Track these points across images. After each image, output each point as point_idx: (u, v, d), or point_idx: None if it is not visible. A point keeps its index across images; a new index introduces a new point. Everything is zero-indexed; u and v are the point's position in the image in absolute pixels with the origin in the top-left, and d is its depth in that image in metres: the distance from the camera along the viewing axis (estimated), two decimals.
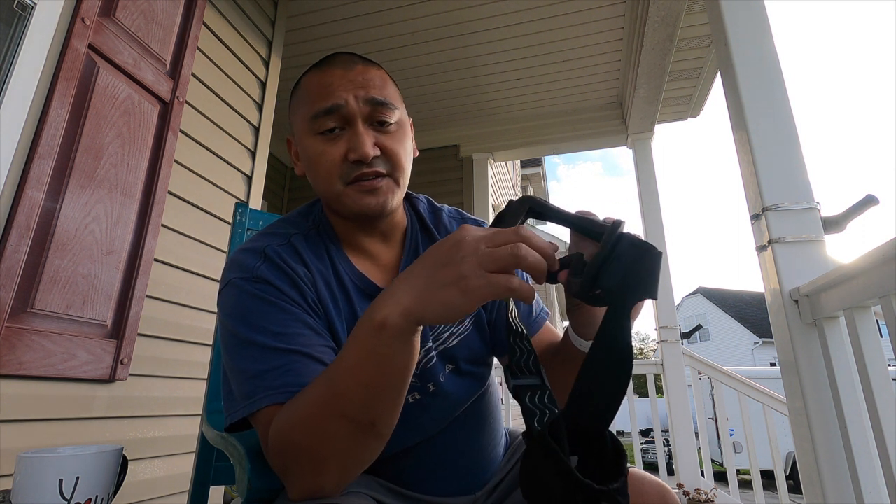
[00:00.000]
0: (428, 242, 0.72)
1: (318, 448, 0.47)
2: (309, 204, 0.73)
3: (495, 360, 0.76)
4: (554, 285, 0.48)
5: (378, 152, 0.61)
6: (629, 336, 0.40)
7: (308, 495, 0.49)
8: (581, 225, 0.49)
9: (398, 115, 0.64)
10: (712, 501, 2.69)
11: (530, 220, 0.52)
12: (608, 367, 0.40)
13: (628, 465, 0.64)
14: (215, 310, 0.65)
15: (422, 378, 0.65)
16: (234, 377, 0.56)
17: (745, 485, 3.19)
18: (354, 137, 0.60)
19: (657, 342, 3.10)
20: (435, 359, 0.66)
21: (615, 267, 0.41)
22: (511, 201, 0.50)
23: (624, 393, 0.40)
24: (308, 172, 0.66)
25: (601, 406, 0.39)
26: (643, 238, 0.43)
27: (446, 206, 0.79)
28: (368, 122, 0.62)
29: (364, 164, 0.61)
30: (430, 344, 0.66)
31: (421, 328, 0.44)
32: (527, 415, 0.43)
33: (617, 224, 0.44)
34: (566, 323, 0.68)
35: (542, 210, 0.49)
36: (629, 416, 3.24)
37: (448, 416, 0.67)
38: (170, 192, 1.62)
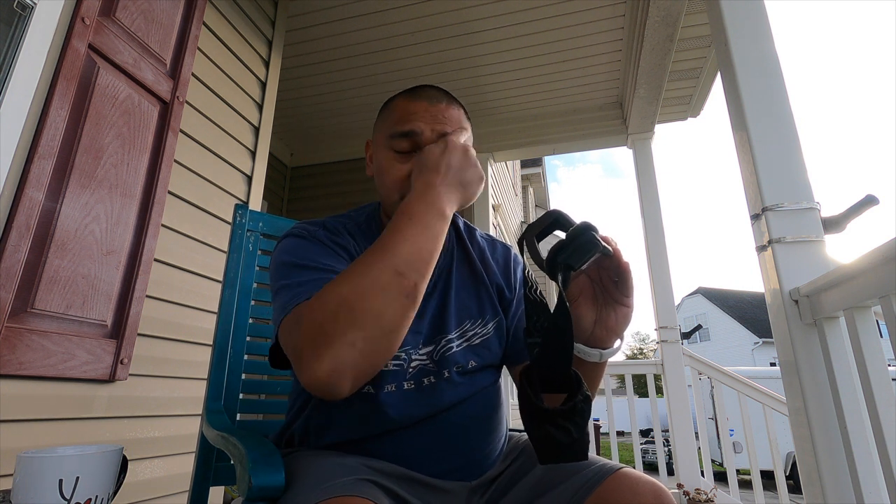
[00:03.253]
0: (461, 251, 0.82)
1: (364, 297, 0.54)
2: (366, 205, 0.85)
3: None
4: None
5: None
6: (566, 306, 0.55)
7: (329, 365, 0.52)
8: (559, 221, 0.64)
9: None
10: (712, 501, 2.69)
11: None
12: (562, 328, 0.54)
13: (623, 465, 0.65)
14: (215, 310, 0.69)
15: (439, 364, 0.72)
16: (281, 293, 0.64)
17: (745, 485, 3.19)
18: None
19: (657, 342, 3.10)
20: (454, 349, 0.73)
21: (567, 249, 0.57)
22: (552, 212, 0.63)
23: (572, 348, 0.54)
24: (376, 178, 0.77)
25: (557, 353, 0.54)
26: (598, 237, 0.58)
27: (478, 229, 0.89)
28: None
29: None
30: (452, 336, 0.73)
31: None
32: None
33: (582, 224, 0.59)
34: None
35: (563, 222, 0.61)
36: (629, 416, 3.24)
37: (457, 399, 0.71)
38: (170, 192, 1.62)
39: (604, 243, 0.58)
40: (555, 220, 0.61)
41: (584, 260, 0.57)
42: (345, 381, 0.53)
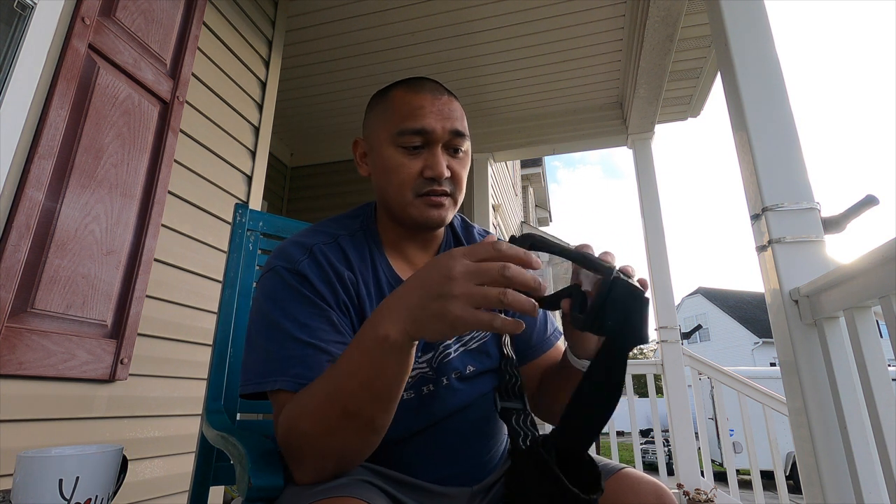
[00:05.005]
0: None
1: (322, 437, 0.53)
2: (359, 207, 0.81)
3: None
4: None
5: (449, 174, 0.69)
6: (623, 374, 0.45)
7: (311, 480, 0.55)
8: (577, 258, 0.50)
9: (467, 144, 0.73)
10: (712, 501, 2.69)
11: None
12: (598, 397, 0.46)
13: (624, 466, 0.65)
14: (215, 310, 0.69)
15: (438, 371, 0.70)
16: (254, 352, 0.63)
17: (745, 485, 3.19)
18: (433, 158, 0.68)
19: (657, 342, 3.10)
20: (452, 355, 0.71)
21: (612, 312, 0.45)
22: (513, 237, 0.51)
23: (606, 421, 0.46)
24: (379, 177, 0.72)
25: (587, 430, 0.46)
26: (633, 282, 0.46)
27: (476, 226, 0.87)
28: (444, 147, 0.70)
29: (436, 182, 0.69)
30: (449, 341, 0.72)
31: (417, 342, 0.49)
32: (512, 434, 0.52)
33: (611, 270, 0.47)
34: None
35: (543, 245, 0.51)
36: (629, 416, 3.24)
37: (456, 406, 0.70)
38: (170, 192, 1.62)
39: (640, 287, 0.47)
40: (530, 246, 0.50)
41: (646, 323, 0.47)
42: (328, 479, 0.56)
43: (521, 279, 0.43)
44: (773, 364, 14.16)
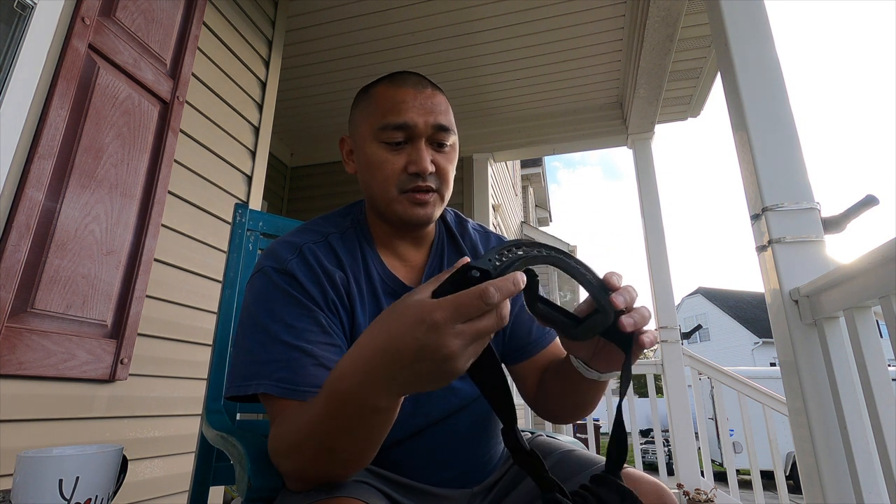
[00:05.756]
0: (453, 249, 0.78)
1: (309, 469, 0.52)
2: (349, 205, 0.80)
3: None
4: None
5: (433, 169, 0.68)
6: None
7: (297, 486, 0.55)
8: (590, 287, 0.53)
9: (453, 138, 0.71)
10: (712, 501, 2.69)
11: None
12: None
13: (626, 465, 0.65)
14: (215, 310, 0.68)
15: None
16: (239, 354, 0.62)
17: (745, 485, 3.19)
18: (416, 153, 0.67)
19: (657, 342, 3.10)
20: None
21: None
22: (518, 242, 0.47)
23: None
24: (364, 174, 0.71)
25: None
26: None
27: (471, 220, 0.85)
28: (429, 142, 0.68)
29: (420, 178, 0.67)
30: None
31: None
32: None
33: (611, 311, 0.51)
34: None
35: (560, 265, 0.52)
36: (629, 416, 3.24)
37: (454, 406, 0.69)
38: (170, 192, 1.62)
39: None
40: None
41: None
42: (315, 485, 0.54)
43: (507, 311, 0.41)
44: (773, 364, 14.15)
